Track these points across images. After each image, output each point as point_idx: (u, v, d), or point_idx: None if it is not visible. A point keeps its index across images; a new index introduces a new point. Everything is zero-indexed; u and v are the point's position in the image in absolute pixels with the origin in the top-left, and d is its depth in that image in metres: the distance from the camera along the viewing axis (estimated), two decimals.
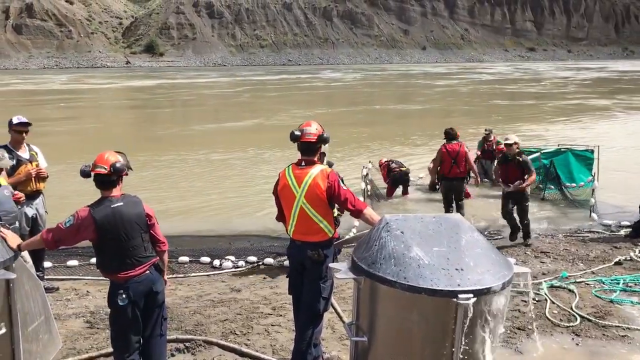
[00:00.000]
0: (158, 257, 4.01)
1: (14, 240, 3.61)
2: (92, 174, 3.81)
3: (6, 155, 5.58)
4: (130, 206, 3.87)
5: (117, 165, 3.82)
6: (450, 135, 9.31)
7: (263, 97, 40.47)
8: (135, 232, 3.84)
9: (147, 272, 3.88)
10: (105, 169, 3.79)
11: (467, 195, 10.24)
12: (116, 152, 3.95)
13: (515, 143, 8.50)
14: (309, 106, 34.06)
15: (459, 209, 9.14)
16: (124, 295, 3.77)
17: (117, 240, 3.78)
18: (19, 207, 6.00)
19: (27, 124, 6.15)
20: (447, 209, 9.21)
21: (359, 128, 23.23)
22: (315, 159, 4.35)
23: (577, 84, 52.09)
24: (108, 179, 3.83)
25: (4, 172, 5.81)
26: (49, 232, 3.80)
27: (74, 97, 41.89)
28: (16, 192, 5.60)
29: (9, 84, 53.59)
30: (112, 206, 3.79)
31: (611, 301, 6.04)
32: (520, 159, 8.40)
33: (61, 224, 3.77)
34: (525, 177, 8.34)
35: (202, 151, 17.49)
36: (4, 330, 3.31)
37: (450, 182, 9.12)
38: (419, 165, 14.05)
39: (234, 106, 33.94)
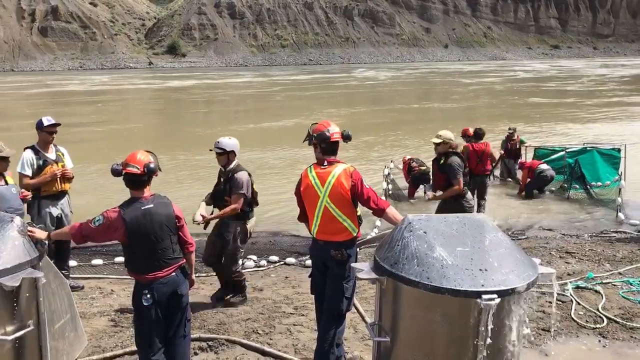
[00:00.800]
0: (185, 259, 4.01)
1: (42, 233, 3.66)
2: (124, 173, 3.79)
3: (3, 145, 5.55)
4: (161, 208, 3.85)
5: (151, 165, 3.81)
6: (478, 135, 10.19)
7: (299, 97, 40.56)
8: (164, 234, 3.83)
9: (173, 274, 3.87)
10: (138, 168, 3.78)
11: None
12: (147, 152, 3.94)
13: (445, 142, 6.84)
14: (344, 105, 34.18)
15: (480, 206, 9.57)
16: (148, 296, 3.77)
17: (146, 242, 3.77)
18: (47, 208, 6.11)
19: (57, 125, 6.25)
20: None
21: (396, 127, 23.18)
22: (337, 157, 4.36)
23: (616, 82, 51.16)
24: (140, 179, 3.81)
25: (19, 171, 5.93)
26: (79, 227, 3.81)
27: (118, 97, 42.64)
28: (22, 190, 5.71)
29: (51, 85, 54.61)
30: (142, 208, 3.77)
31: (639, 302, 5.93)
32: (445, 162, 6.78)
33: (90, 222, 3.77)
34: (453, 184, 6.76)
35: (241, 150, 17.37)
36: (31, 328, 3.36)
37: (475, 178, 9.56)
38: None
39: (271, 106, 34.02)
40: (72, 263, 7.16)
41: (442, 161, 6.81)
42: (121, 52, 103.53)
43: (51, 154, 6.25)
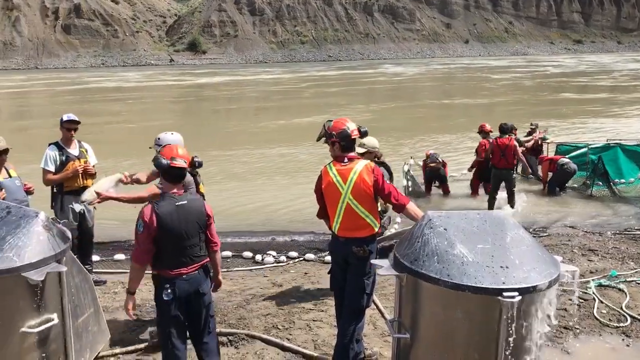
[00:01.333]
0: (209, 258, 4.02)
1: (129, 302, 3.83)
2: (171, 167, 3.79)
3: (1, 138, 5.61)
4: (194, 205, 3.87)
5: (199, 159, 3.85)
6: (503, 129, 10.37)
7: (328, 93, 40.65)
8: (194, 231, 3.84)
9: (196, 272, 3.87)
10: (185, 162, 3.82)
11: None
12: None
13: (370, 152, 6.10)
14: (374, 100, 34.23)
15: (511, 198, 10.30)
16: (169, 291, 3.77)
17: (176, 238, 3.76)
18: (70, 204, 6.20)
19: (76, 122, 6.33)
20: (493, 197, 10.29)
21: (427, 123, 23.13)
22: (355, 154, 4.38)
23: None
24: (184, 173, 3.85)
25: (43, 166, 6.02)
26: (135, 251, 3.80)
27: (151, 94, 43.11)
28: (26, 182, 5.79)
29: (88, 81, 55.45)
30: (176, 203, 3.78)
31: None
32: None
33: (136, 230, 3.75)
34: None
35: (270, 146, 17.59)
36: (56, 322, 3.42)
37: (499, 171, 10.19)
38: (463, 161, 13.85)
39: (301, 102, 34.20)
40: (95, 258, 7.26)
41: None
42: (142, 49, 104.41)
43: (74, 150, 6.33)
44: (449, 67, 72.30)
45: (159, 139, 5.00)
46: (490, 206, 10.14)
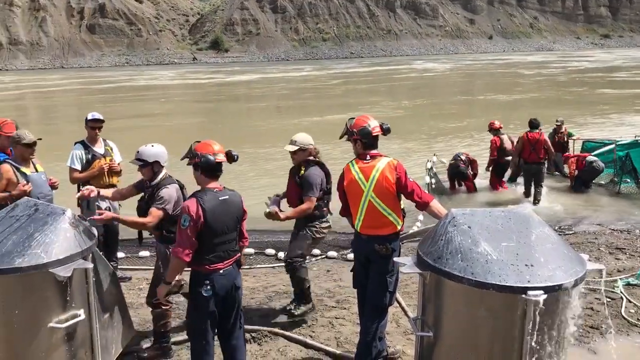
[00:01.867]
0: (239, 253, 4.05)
1: (162, 289, 3.90)
2: (216, 162, 3.83)
3: (27, 132, 5.60)
4: (234, 199, 3.91)
5: (234, 153, 3.89)
6: (533, 124, 10.66)
7: (360, 89, 40.69)
8: (233, 226, 3.88)
9: (231, 267, 3.90)
10: (224, 157, 3.87)
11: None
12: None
13: (302, 149, 5.34)
14: (406, 97, 34.27)
15: (537, 193, 10.50)
16: (208, 287, 3.77)
17: (218, 232, 3.78)
18: (96, 202, 6.28)
19: (101, 121, 6.41)
20: (528, 189, 10.65)
21: (461, 118, 22.97)
22: (377, 151, 4.35)
23: None
24: (222, 168, 3.90)
25: (69, 165, 6.12)
26: (176, 249, 3.74)
27: (185, 92, 43.73)
28: (51, 177, 5.86)
29: (121, 80, 56.39)
30: (220, 198, 3.81)
31: None
32: (301, 173, 5.32)
33: (180, 225, 3.73)
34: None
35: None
36: (83, 317, 3.48)
37: (529, 166, 10.55)
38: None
39: (333, 99, 34.28)
40: (120, 255, 7.35)
41: (301, 172, 5.32)
42: (165, 48, 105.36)
43: (99, 149, 6.41)
44: (481, 63, 71.93)
45: (138, 152, 4.65)
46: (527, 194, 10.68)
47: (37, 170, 5.62)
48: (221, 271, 3.83)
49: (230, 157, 3.93)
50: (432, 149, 15.43)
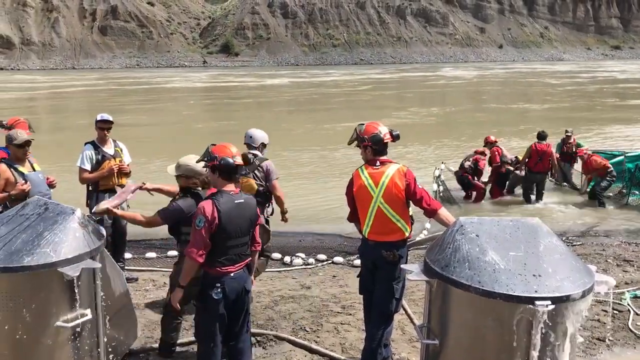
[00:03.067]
0: (251, 257, 4.06)
1: (176, 296, 3.90)
2: (236, 165, 3.83)
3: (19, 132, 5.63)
4: (250, 203, 3.92)
5: (250, 156, 3.94)
6: (541, 136, 11.31)
7: (389, 95, 40.97)
8: (247, 230, 3.89)
9: (242, 270, 3.91)
10: (241, 160, 3.89)
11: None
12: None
13: (187, 176, 4.44)
14: (437, 104, 34.49)
15: (539, 196, 11.23)
16: (219, 290, 3.78)
17: (231, 235, 3.79)
18: (103, 200, 6.31)
19: (109, 122, 6.45)
20: (528, 197, 11.26)
21: (488, 128, 22.87)
22: (387, 157, 4.35)
23: None
24: (239, 171, 3.93)
25: (79, 165, 6.14)
26: (190, 250, 3.73)
27: (225, 94, 43.88)
28: (48, 176, 5.88)
29: (169, 80, 57.16)
30: (235, 201, 3.81)
31: None
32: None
33: (195, 226, 3.73)
34: None
35: (331, 147, 17.50)
36: (89, 317, 3.49)
37: (534, 175, 11.16)
38: None
39: (362, 105, 34.48)
40: (127, 255, 7.37)
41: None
42: (176, 51, 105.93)
43: (109, 149, 6.45)
44: (510, 72, 72.27)
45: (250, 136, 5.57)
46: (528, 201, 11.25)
47: (34, 170, 5.62)
48: (232, 274, 3.84)
49: (247, 160, 3.96)
50: (462, 156, 15.38)
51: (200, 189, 4.50)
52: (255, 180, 5.55)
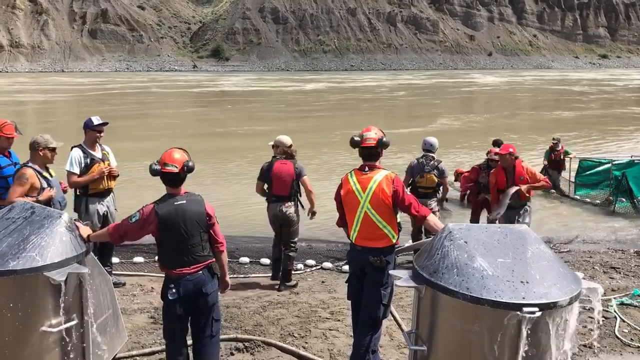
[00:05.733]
0: (214, 259, 4.06)
1: (85, 231, 3.79)
2: (162, 172, 3.89)
3: (50, 137, 5.67)
4: (193, 204, 3.95)
5: (190, 164, 3.93)
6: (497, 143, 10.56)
7: (423, 102, 41.30)
8: (195, 230, 3.92)
9: (200, 272, 3.94)
10: (177, 167, 3.89)
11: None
12: (181, 149, 4.03)
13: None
14: (475, 110, 35.03)
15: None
16: (173, 290, 3.87)
17: (177, 237, 3.87)
18: (94, 205, 6.28)
19: (105, 124, 6.41)
20: None
21: (522, 134, 23.06)
22: (377, 163, 4.34)
23: None
24: (178, 177, 3.92)
25: (68, 169, 6.15)
26: (115, 227, 3.95)
27: (261, 98, 44.14)
28: (60, 181, 5.90)
29: (198, 84, 57.71)
30: (175, 203, 3.89)
31: None
32: None
33: (127, 219, 3.90)
34: None
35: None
36: (76, 322, 3.46)
37: None
38: None
39: (398, 111, 34.85)
40: (115, 260, 7.32)
41: None
42: (166, 55, 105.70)
43: (97, 153, 6.40)
44: (541, 79, 73.76)
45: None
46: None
47: (51, 176, 5.63)
48: (188, 276, 3.89)
49: (187, 169, 3.93)
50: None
51: (283, 156, 6.71)
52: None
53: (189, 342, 4.14)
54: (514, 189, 6.88)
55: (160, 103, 39.01)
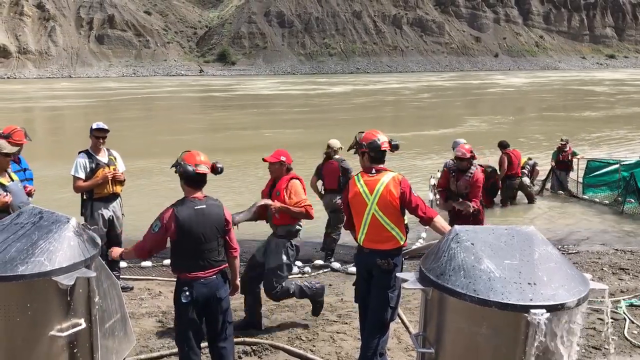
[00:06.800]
0: (227, 264, 4.07)
1: (116, 250, 3.89)
2: (196, 173, 3.87)
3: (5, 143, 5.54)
4: (213, 209, 3.94)
5: (219, 165, 3.94)
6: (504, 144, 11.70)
7: (448, 103, 41.56)
8: (212, 235, 3.91)
9: (214, 276, 3.94)
10: (208, 168, 3.91)
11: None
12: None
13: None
14: (498, 112, 34.90)
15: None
16: (187, 293, 3.85)
17: (195, 242, 3.85)
18: (100, 210, 6.30)
19: (105, 130, 6.44)
20: (506, 201, 11.81)
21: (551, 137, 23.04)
22: (384, 166, 4.36)
23: None
24: (205, 179, 3.94)
25: (73, 174, 6.13)
26: (141, 244, 3.97)
27: (285, 102, 44.61)
28: (26, 184, 5.79)
29: (244, 87, 58.53)
30: (195, 208, 3.87)
31: None
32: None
33: (149, 230, 3.89)
34: None
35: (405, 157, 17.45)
36: (84, 326, 3.47)
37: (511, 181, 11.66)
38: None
39: (426, 113, 34.85)
40: (123, 264, 7.35)
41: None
42: (173, 60, 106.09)
43: (103, 158, 6.44)
44: (564, 79, 74.06)
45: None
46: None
47: (12, 180, 5.52)
48: (202, 280, 3.88)
49: (215, 170, 3.96)
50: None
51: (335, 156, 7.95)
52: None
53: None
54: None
55: (221, 107, 39.29)
